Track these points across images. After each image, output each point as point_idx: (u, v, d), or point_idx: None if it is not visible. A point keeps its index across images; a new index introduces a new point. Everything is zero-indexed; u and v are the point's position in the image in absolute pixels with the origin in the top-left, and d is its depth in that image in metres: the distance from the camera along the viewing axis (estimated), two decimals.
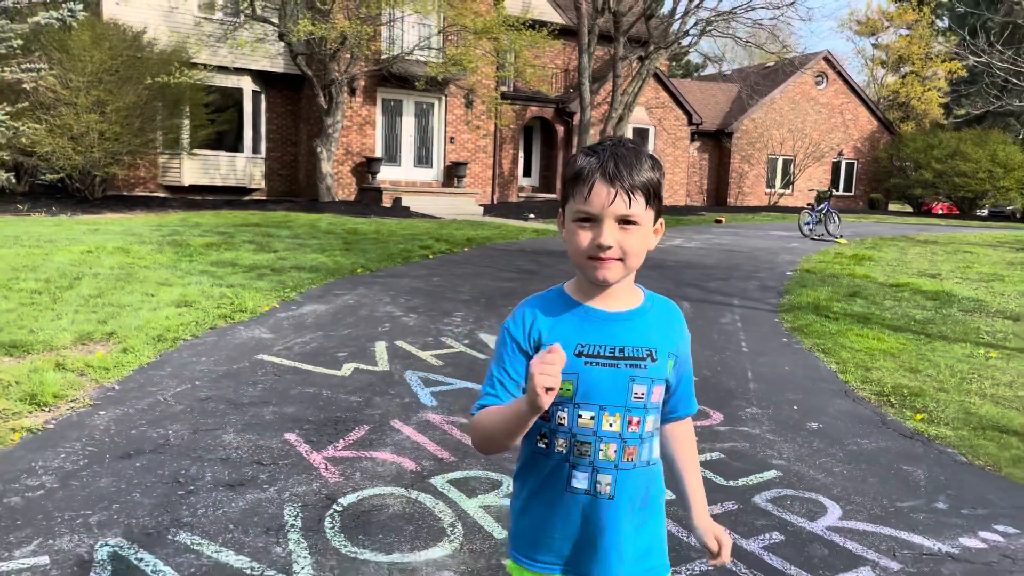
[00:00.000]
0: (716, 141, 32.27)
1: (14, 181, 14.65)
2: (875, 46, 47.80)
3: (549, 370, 1.30)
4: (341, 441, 3.97)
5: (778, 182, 32.99)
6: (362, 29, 16.40)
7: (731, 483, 3.72)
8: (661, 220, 1.53)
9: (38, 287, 6.91)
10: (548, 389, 1.29)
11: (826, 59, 33.82)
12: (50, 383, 4.43)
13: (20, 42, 14.14)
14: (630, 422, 1.50)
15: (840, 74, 34.20)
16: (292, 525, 3.06)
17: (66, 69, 14.49)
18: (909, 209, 35.34)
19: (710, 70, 48.26)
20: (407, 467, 3.70)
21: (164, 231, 11.44)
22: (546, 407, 1.31)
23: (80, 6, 14.56)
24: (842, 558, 3.04)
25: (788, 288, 9.32)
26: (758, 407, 4.93)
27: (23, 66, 14.21)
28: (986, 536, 3.32)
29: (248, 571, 2.72)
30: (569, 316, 1.51)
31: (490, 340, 6.25)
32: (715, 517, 3.16)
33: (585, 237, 1.45)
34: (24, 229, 11.04)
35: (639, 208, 1.44)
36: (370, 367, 5.34)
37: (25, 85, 14.17)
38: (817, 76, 33.56)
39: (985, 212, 35.70)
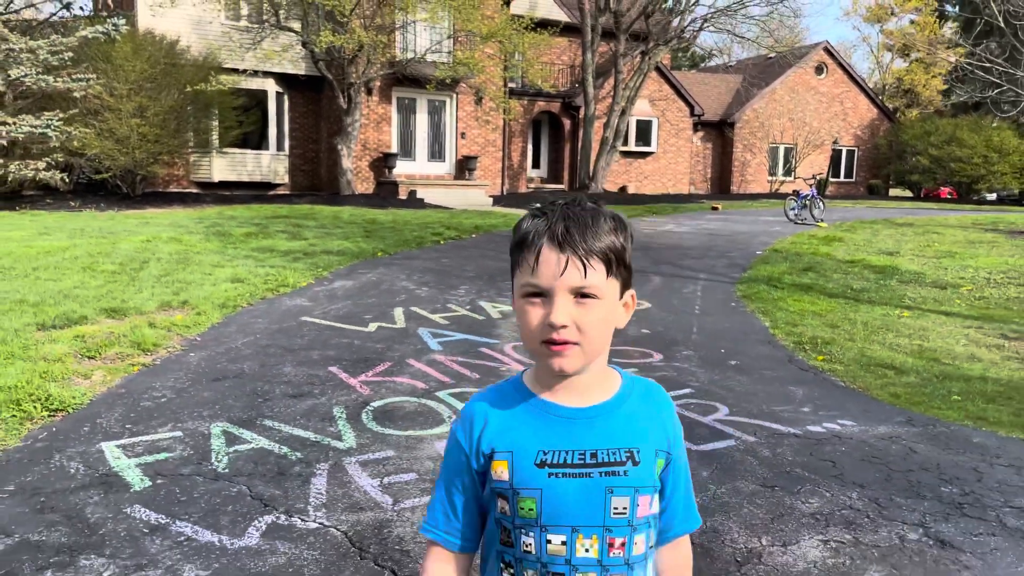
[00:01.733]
0: (719, 131, 33.41)
1: (67, 180, 16.15)
2: (883, 32, 48.64)
3: None
4: (371, 371, 5.38)
5: (780, 170, 34.07)
6: (377, 39, 17.81)
7: None
8: (631, 292, 1.27)
9: (115, 268, 8.38)
10: None
11: (826, 49, 34.84)
12: (149, 336, 5.88)
13: (70, 55, 15.63)
14: (611, 544, 1.23)
15: (840, 63, 35.20)
16: (339, 417, 4.48)
17: (110, 78, 15.96)
18: (909, 194, 36.31)
19: (716, 61, 49.32)
20: (419, 386, 5.10)
21: (206, 223, 12.92)
22: None
23: (123, 21, 16.04)
24: (716, 436, 4.41)
25: (752, 265, 10.66)
26: (692, 351, 6.30)
27: (73, 76, 15.69)
28: (829, 426, 4.68)
29: (313, 438, 4.13)
30: (527, 415, 1.25)
31: (487, 307, 7.64)
32: None
33: (536, 315, 1.19)
34: (83, 223, 12.54)
35: (597, 278, 1.18)
36: (390, 325, 6.75)
37: (75, 93, 15.65)
38: (817, 66, 34.59)
39: (993, 196, 36.54)
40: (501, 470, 1.24)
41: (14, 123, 14.78)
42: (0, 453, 3.82)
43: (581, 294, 1.18)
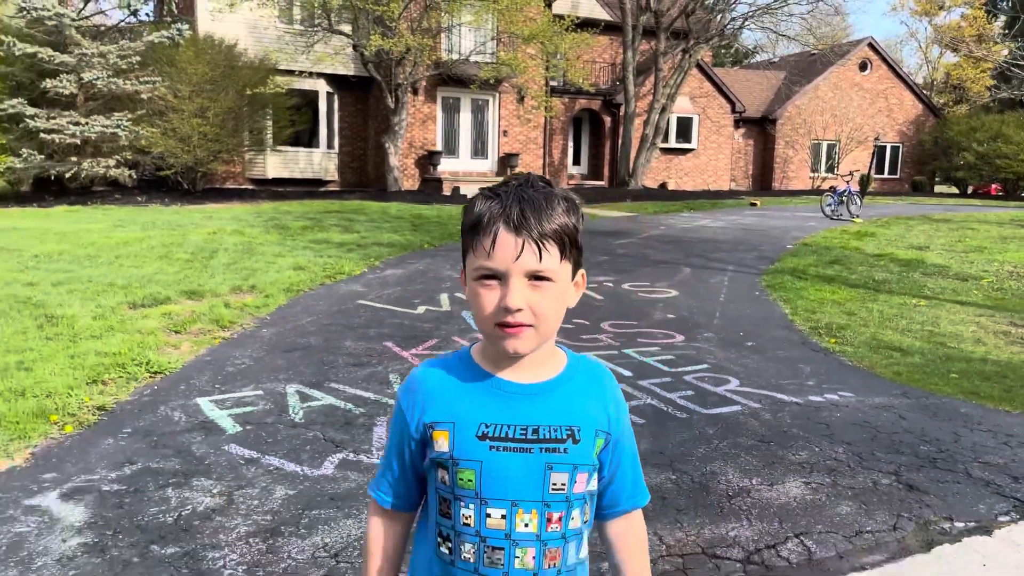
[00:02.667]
0: (760, 127, 33.53)
1: (133, 177, 17.22)
2: (932, 27, 48.05)
3: None
4: (420, 346, 6.06)
5: (822, 166, 34.06)
6: (423, 41, 18.56)
7: (672, 370, 5.68)
8: (582, 272, 1.29)
9: (188, 257, 9.21)
10: None
11: (870, 45, 34.69)
12: (225, 314, 6.64)
13: (138, 58, 16.67)
14: (550, 519, 1.25)
15: (884, 59, 35.02)
16: (394, 381, 5.15)
17: (174, 80, 16.97)
18: (955, 191, 35.96)
19: (760, 57, 49.19)
20: None
21: (264, 217, 13.77)
22: None
23: (187, 26, 17.03)
24: (725, 403, 4.99)
25: (780, 258, 11.12)
26: (713, 333, 6.86)
27: (141, 79, 16.74)
28: (829, 397, 5.22)
29: (373, 398, 4.81)
30: (472, 388, 1.27)
31: None
32: (654, 386, 5.16)
33: (490, 299, 1.19)
34: (152, 217, 13.48)
35: (552, 261, 1.19)
36: (437, 308, 7.43)
37: (142, 95, 16.69)
38: (861, 62, 34.47)
39: None
40: (442, 440, 1.25)
41: (87, 123, 15.85)
42: (115, 404, 4.58)
43: (536, 277, 1.18)
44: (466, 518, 1.24)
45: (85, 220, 12.56)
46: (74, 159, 16.24)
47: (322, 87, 22.68)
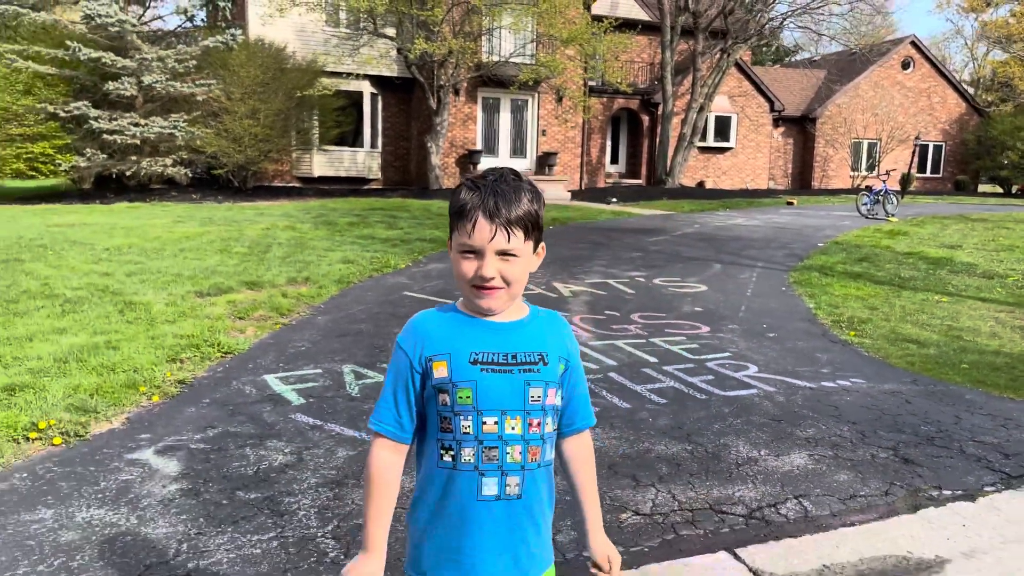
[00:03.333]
0: (800, 126, 33.49)
1: (188, 175, 18.06)
2: (979, 23, 47.30)
3: None
4: None
5: (863, 165, 33.89)
6: (465, 45, 19.12)
7: (695, 357, 6.11)
8: (542, 245, 1.60)
9: (246, 251, 9.85)
10: None
11: (913, 43, 34.42)
12: (283, 303, 7.22)
13: (194, 62, 17.49)
14: (531, 424, 1.55)
15: (927, 57, 34.71)
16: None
17: (227, 83, 17.75)
18: (999, 191, 35.48)
19: (802, 55, 48.89)
20: None
21: (312, 214, 14.43)
22: None
23: (240, 32, 17.81)
24: (742, 386, 5.41)
25: (809, 255, 11.42)
26: (737, 325, 7.26)
27: (197, 81, 17.55)
28: (841, 383, 5.60)
29: None
30: (462, 327, 1.56)
31: (560, 287, 8.75)
32: (678, 371, 5.60)
33: (468, 267, 1.51)
34: (208, 213, 14.22)
35: (518, 242, 1.50)
36: None
37: (198, 97, 17.50)
38: (904, 60, 34.22)
39: None
40: (441, 369, 1.55)
41: (146, 124, 16.70)
42: (193, 379, 5.16)
43: (505, 253, 1.51)
44: (465, 428, 1.53)
45: (147, 216, 13.33)
46: (134, 158, 17.11)
47: (366, 88, 23.37)
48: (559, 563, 2.76)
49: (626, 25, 26.05)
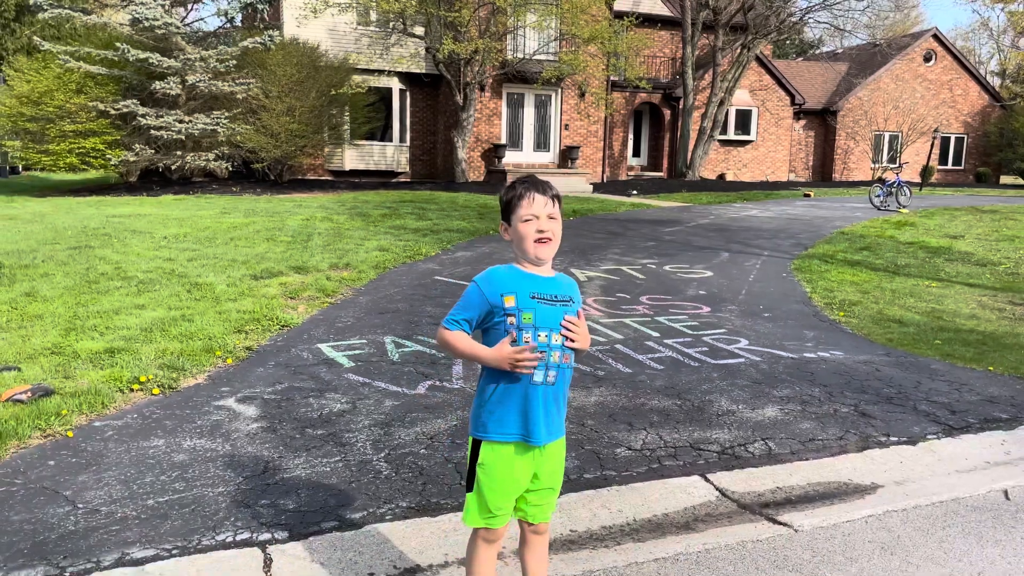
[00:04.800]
0: (821, 119, 33.87)
1: (229, 169, 19.06)
2: (1007, 14, 47.09)
3: (527, 363, 2.27)
4: None
5: (884, 157, 34.21)
6: (491, 44, 19.92)
7: (694, 332, 6.88)
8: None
9: (290, 240, 10.75)
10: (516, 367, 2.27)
11: (935, 36, 34.61)
12: (328, 285, 8.09)
13: (234, 62, 18.45)
14: (566, 338, 2.34)
15: (949, 50, 34.88)
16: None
17: (265, 82, 18.69)
18: (1021, 182, 35.59)
19: (826, 48, 49.03)
20: None
21: (347, 205, 15.33)
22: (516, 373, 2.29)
23: (277, 33, 18.74)
24: (732, 356, 6.18)
25: (814, 244, 12.09)
26: (736, 306, 8.01)
27: (237, 80, 18.51)
28: (821, 354, 6.35)
29: None
30: (523, 278, 2.33)
31: (577, 273, 9.54)
32: (677, 344, 6.36)
33: (531, 228, 2.31)
34: (249, 205, 15.17)
35: (557, 210, 2.37)
36: None
37: (238, 95, 18.47)
38: (925, 53, 34.43)
39: None
40: (510, 301, 2.30)
41: (190, 121, 17.69)
42: (258, 347, 6.03)
43: (551, 217, 2.34)
44: (527, 338, 2.29)
45: (194, 208, 14.30)
46: (179, 153, 18.13)
47: (395, 85, 24.25)
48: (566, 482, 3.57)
49: (648, 20, 26.73)
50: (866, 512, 3.64)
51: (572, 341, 2.37)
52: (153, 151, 17.94)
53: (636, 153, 30.99)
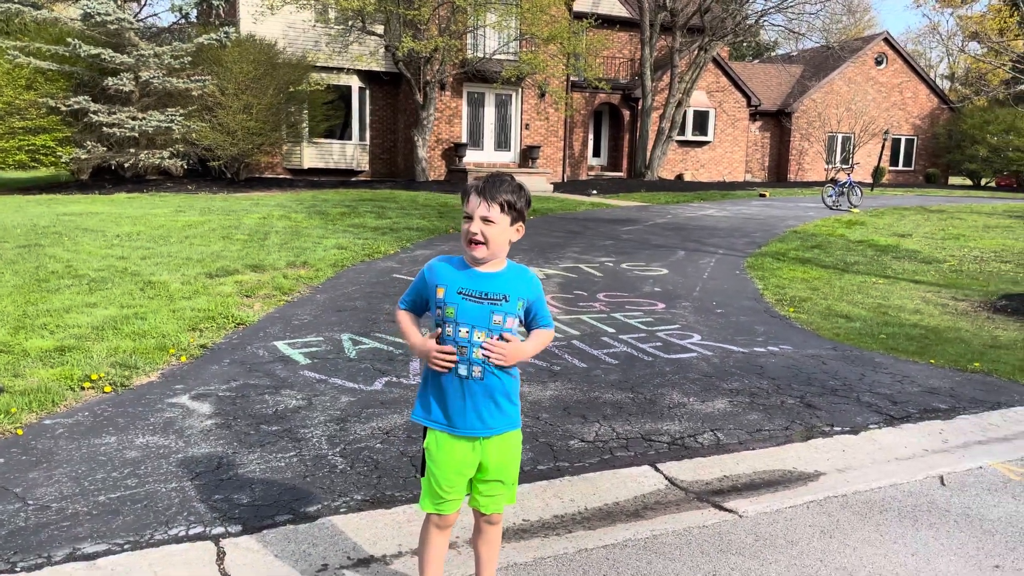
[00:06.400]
0: (777, 120, 34.50)
1: (184, 167, 18.79)
2: (956, 18, 48.41)
3: (443, 360, 2.36)
4: None
5: (837, 158, 34.96)
6: (451, 42, 19.93)
7: (648, 328, 7.01)
8: (520, 224, 2.42)
9: (246, 238, 10.66)
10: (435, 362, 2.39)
11: (886, 40, 35.47)
12: (284, 283, 8.06)
13: (189, 59, 18.19)
14: (492, 338, 2.37)
15: (900, 54, 35.77)
16: (425, 332, 6.53)
17: (222, 79, 18.47)
18: (968, 183, 36.64)
19: (783, 50, 49.91)
20: None
21: (305, 204, 15.23)
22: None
23: (233, 29, 18.53)
24: (684, 351, 6.31)
25: (768, 243, 12.35)
26: (690, 303, 8.16)
27: (192, 77, 18.26)
28: (771, 349, 6.51)
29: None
30: (458, 272, 2.40)
31: (538, 271, 9.61)
32: (631, 339, 6.48)
33: (465, 227, 2.36)
34: (205, 203, 14.99)
35: (495, 213, 2.32)
36: None
37: (193, 92, 18.22)
38: (877, 57, 35.26)
39: None
40: (440, 293, 2.40)
41: (144, 118, 17.41)
42: (213, 344, 6.00)
43: (485, 219, 2.33)
44: (449, 331, 2.38)
45: (148, 206, 14.09)
46: (132, 150, 17.82)
47: (354, 83, 24.12)
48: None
49: (607, 21, 26.95)
50: (808, 498, 3.77)
51: (490, 358, 2.40)
52: (106, 149, 17.61)
53: (596, 153, 31.24)
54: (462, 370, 2.39)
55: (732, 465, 4.16)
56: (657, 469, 4.07)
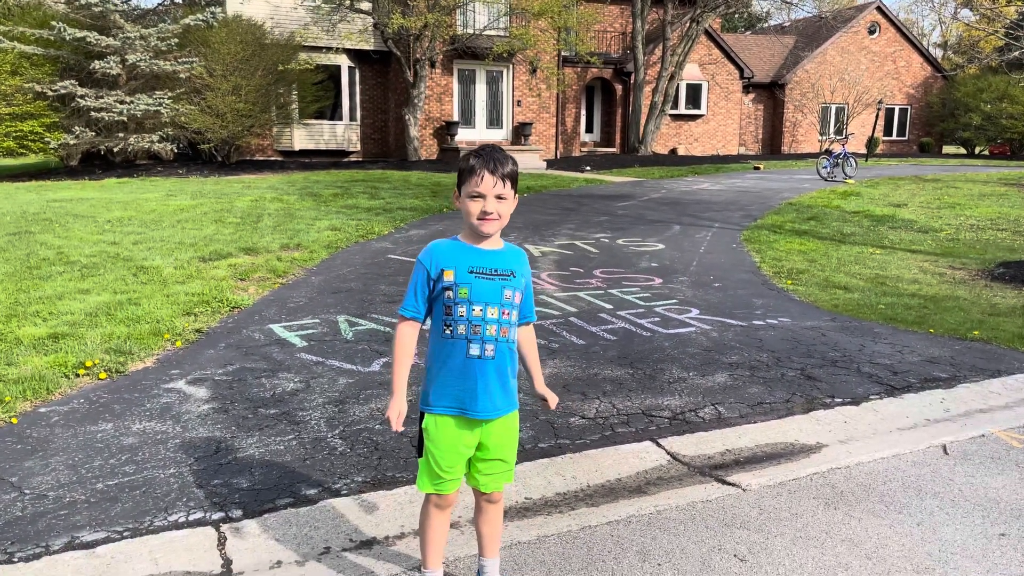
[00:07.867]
0: (770, 92, 34.30)
1: (174, 151, 18.62)
2: None
3: (396, 425, 2.35)
4: None
5: (831, 129, 34.83)
6: (441, 18, 19.70)
7: (646, 304, 6.97)
8: (515, 193, 2.41)
9: (239, 221, 10.57)
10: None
11: (878, 8, 35.21)
12: (279, 266, 7.99)
13: (176, 40, 17.96)
14: (504, 313, 2.36)
15: (892, 22, 35.53)
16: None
17: (210, 61, 18.24)
18: (963, 152, 36.57)
19: (775, 21, 49.55)
20: None
21: (297, 186, 15.11)
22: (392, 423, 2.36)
23: (219, 10, 18.27)
24: (683, 326, 6.27)
25: (764, 215, 12.30)
26: (687, 277, 8.12)
27: (179, 59, 18.04)
28: (769, 321, 6.48)
29: None
30: (462, 251, 2.35)
31: (531, 248, 9.57)
32: (629, 315, 6.45)
33: (476, 206, 2.30)
34: (197, 187, 14.86)
35: (507, 190, 2.32)
36: None
37: (181, 75, 18.01)
38: (870, 26, 35.02)
39: None
40: (449, 275, 2.33)
41: (132, 101, 17.22)
42: (208, 328, 5.95)
43: (499, 197, 2.32)
44: (461, 312, 2.34)
45: (138, 191, 13.96)
46: (121, 135, 17.64)
47: (344, 62, 23.88)
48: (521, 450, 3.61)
49: None
50: (811, 470, 3.76)
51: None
52: (94, 133, 17.42)
53: (589, 129, 31.06)
54: (474, 350, 2.36)
55: (734, 439, 4.14)
56: (659, 444, 4.05)
